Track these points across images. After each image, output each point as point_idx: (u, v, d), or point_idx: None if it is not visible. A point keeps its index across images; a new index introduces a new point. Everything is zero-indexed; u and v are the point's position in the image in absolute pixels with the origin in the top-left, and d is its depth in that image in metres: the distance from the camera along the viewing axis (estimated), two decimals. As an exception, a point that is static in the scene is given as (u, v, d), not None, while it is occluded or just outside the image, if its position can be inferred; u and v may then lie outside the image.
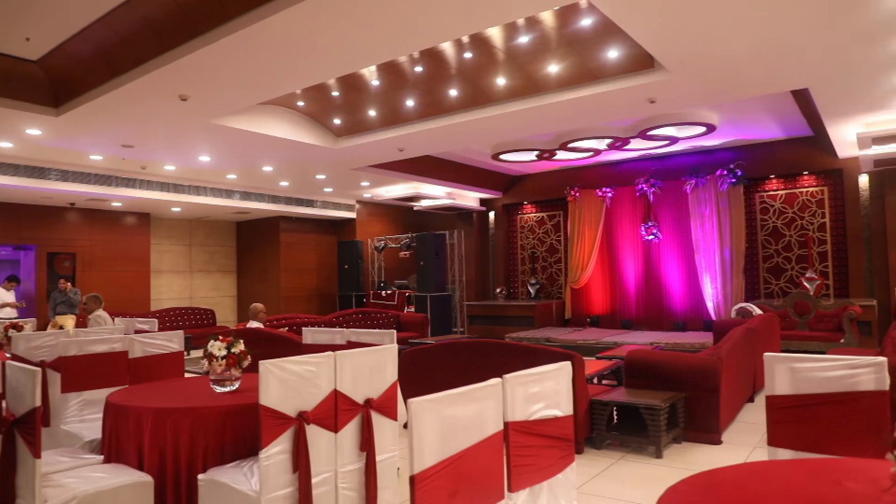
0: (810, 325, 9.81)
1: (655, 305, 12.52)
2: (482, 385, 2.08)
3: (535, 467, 2.31)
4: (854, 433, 2.45)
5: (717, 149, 11.66)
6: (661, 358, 5.47)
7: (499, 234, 15.04)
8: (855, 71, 6.47)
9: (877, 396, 2.44)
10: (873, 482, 1.74)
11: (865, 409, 2.45)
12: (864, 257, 10.73)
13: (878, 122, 8.50)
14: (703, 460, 4.74)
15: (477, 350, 5.42)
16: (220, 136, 8.47)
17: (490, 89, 7.82)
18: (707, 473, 1.99)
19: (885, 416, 2.39)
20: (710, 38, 5.53)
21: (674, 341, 9.61)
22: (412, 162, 11.22)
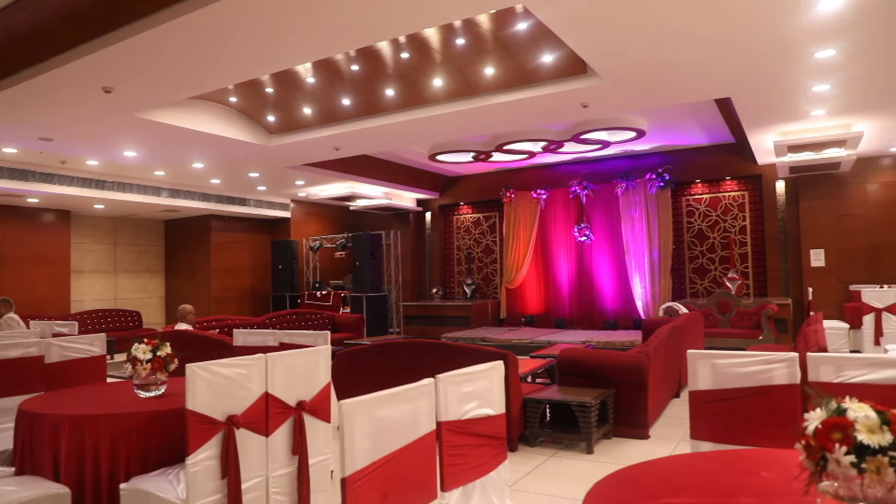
0: (732, 322, 10.28)
1: (588, 305, 12.84)
2: (415, 385, 2.08)
3: (467, 466, 2.33)
4: (769, 425, 2.58)
5: (647, 153, 12.07)
6: (591, 356, 5.61)
7: (435, 234, 15.09)
8: (773, 82, 6.81)
9: (789, 389, 2.58)
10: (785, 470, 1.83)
11: (779, 401, 2.59)
12: (781, 258, 11.34)
13: (793, 131, 8.98)
14: (632, 454, 4.89)
15: (412, 350, 5.42)
16: (146, 130, 8.14)
17: (427, 90, 7.84)
18: (632, 467, 2.06)
19: (796, 407, 2.53)
20: (639, 46, 5.71)
21: (605, 340, 9.87)
22: (348, 161, 11.11)
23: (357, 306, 13.34)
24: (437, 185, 14.39)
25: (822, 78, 6.68)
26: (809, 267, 10.99)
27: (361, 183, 12.78)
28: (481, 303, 13.43)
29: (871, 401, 1.56)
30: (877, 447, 1.41)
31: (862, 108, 7.93)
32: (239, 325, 9.24)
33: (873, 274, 10.99)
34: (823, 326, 5.74)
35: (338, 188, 13.58)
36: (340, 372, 5.67)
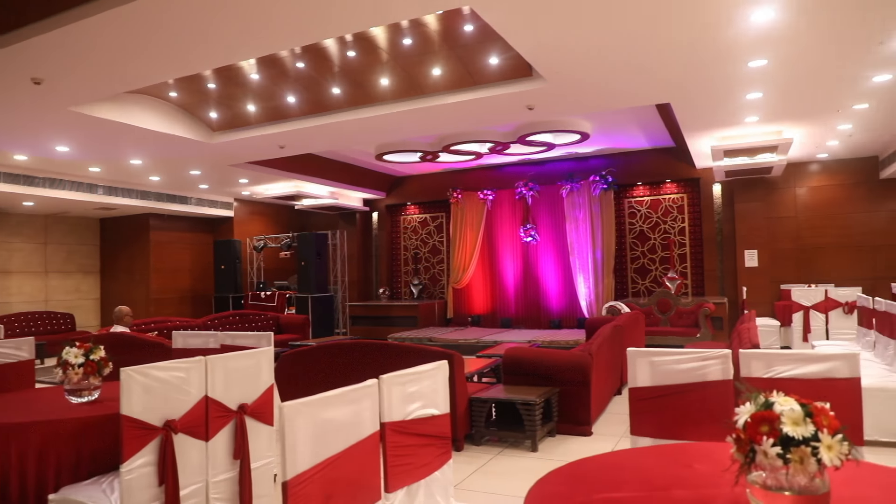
0: (671, 321, 10.60)
1: (533, 304, 13.02)
2: (358, 386, 2.06)
3: (412, 466, 2.32)
4: (704, 419, 2.67)
5: (591, 156, 12.33)
6: (536, 355, 5.69)
7: (382, 234, 15.02)
8: (710, 89, 7.05)
9: (723, 385, 2.68)
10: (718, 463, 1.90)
11: (713, 396, 2.69)
12: (717, 259, 11.77)
13: (729, 136, 9.33)
14: (575, 451, 4.98)
15: (359, 351, 5.38)
16: (80, 125, 7.81)
17: (374, 89, 7.79)
18: (573, 464, 2.09)
19: (729, 402, 2.63)
20: (583, 51, 5.83)
21: (550, 339, 10.02)
22: (294, 160, 10.94)
23: (302, 307, 13.15)
24: (383, 185, 14.33)
25: (756, 86, 6.97)
26: (744, 267, 11.45)
27: (307, 182, 12.61)
28: (428, 303, 13.45)
29: (797, 394, 1.64)
30: (800, 438, 1.48)
31: (791, 115, 8.30)
32: (179, 327, 8.98)
33: (802, 274, 11.53)
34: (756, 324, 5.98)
35: (283, 187, 13.35)
36: (285, 374, 5.58)
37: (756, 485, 1.56)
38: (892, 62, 6.29)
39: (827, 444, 1.48)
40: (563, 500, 1.80)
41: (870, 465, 2.00)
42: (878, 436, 4.88)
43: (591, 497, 1.80)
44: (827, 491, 1.52)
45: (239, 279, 14.42)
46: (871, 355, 6.53)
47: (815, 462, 1.47)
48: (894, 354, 5.82)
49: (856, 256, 11.29)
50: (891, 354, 5.95)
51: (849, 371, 2.56)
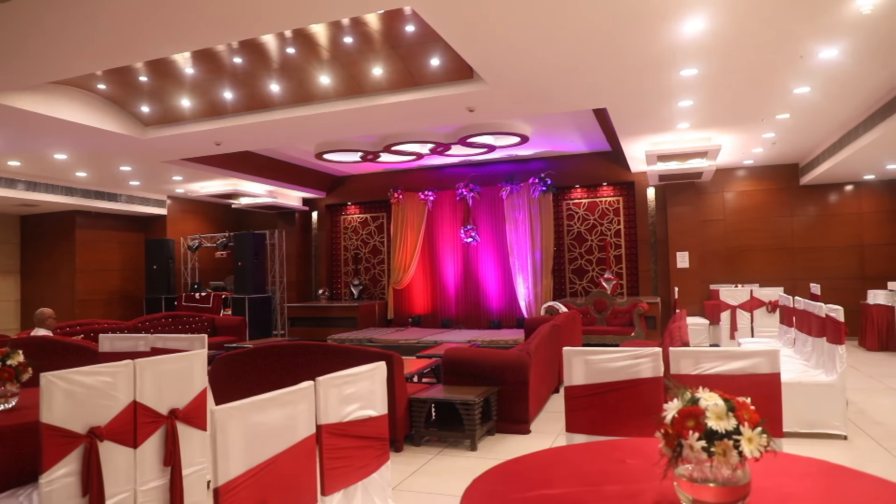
0: (608, 320, 10.88)
1: (474, 305, 13.12)
2: (293, 388, 2.03)
3: (349, 468, 2.30)
4: (636, 415, 2.75)
5: (531, 158, 12.53)
6: (475, 355, 5.73)
7: (322, 234, 14.83)
8: (644, 96, 7.28)
9: (654, 382, 2.76)
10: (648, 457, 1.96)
11: (645, 393, 2.77)
12: (651, 260, 12.15)
13: (662, 141, 9.66)
14: (514, 449, 5.04)
15: (297, 353, 5.29)
16: (-2, 117, 7.40)
17: (314, 87, 7.68)
18: (510, 462, 2.12)
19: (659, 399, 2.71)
20: (523, 55, 5.91)
21: (490, 338, 10.12)
22: (230, 157, 10.67)
23: (239, 308, 12.84)
24: (323, 185, 14.15)
25: (687, 94, 7.23)
26: (676, 268, 11.86)
27: (245, 180, 12.33)
28: (368, 303, 13.36)
29: (722, 390, 1.71)
30: (723, 432, 1.54)
31: (720, 123, 8.66)
32: (106, 330, 8.62)
33: (730, 274, 12.05)
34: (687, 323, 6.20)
35: (219, 185, 13.00)
36: (220, 377, 5.43)
37: (683, 478, 1.61)
38: (811, 76, 6.65)
39: (748, 437, 1.54)
40: (498, 498, 1.82)
41: (787, 456, 2.11)
42: (797, 427, 5.14)
43: (526, 494, 1.82)
44: (748, 481, 1.59)
45: (172, 280, 13.96)
46: (791, 352, 6.88)
47: (737, 454, 1.53)
48: (812, 350, 6.14)
49: (778, 258, 11.88)
50: (809, 350, 6.27)
51: (769, 367, 2.69)
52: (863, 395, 6.60)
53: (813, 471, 2.00)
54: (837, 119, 8.56)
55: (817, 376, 5.36)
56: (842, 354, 5.19)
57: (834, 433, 5.10)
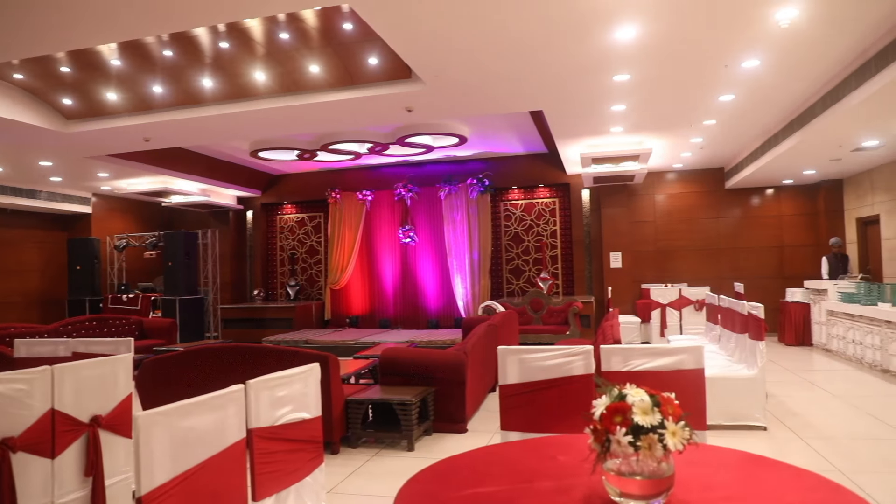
0: (544, 319, 11.07)
1: (412, 305, 13.11)
2: (223, 392, 1.97)
3: (281, 472, 2.26)
4: (568, 413, 2.81)
5: (469, 159, 12.62)
6: (412, 355, 5.73)
7: (257, 234, 14.50)
8: (579, 100, 7.45)
9: (585, 379, 2.83)
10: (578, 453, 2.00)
11: (577, 391, 2.83)
12: (586, 260, 12.45)
13: (596, 144, 9.91)
14: (451, 449, 5.06)
15: (230, 355, 5.16)
16: None
17: (249, 83, 7.50)
18: (445, 461, 2.13)
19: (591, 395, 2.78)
20: (459, 56, 5.95)
21: (427, 339, 10.13)
22: (161, 154, 10.30)
23: (169, 310, 12.40)
24: (259, 183, 13.84)
25: (620, 99, 7.44)
26: (609, 268, 12.19)
27: (176, 178, 11.91)
28: (305, 304, 13.15)
29: (649, 386, 1.77)
30: (649, 426, 1.60)
31: (651, 127, 8.95)
32: (24, 335, 8.17)
33: (661, 274, 12.47)
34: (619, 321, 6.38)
35: (149, 182, 12.51)
36: (148, 382, 5.24)
37: (611, 472, 1.66)
38: (735, 84, 6.95)
39: (671, 431, 1.60)
40: (432, 498, 1.82)
41: (709, 447, 2.19)
42: (721, 420, 5.37)
43: (459, 493, 1.83)
44: (672, 473, 1.65)
45: (97, 281, 13.35)
46: (716, 348, 7.18)
47: (662, 447, 1.59)
48: (735, 346, 6.43)
49: (705, 258, 12.37)
50: (732, 346, 6.57)
51: (694, 363, 2.80)
52: (781, 388, 6.95)
53: (734, 461, 2.09)
54: (759, 126, 8.99)
55: (740, 371, 5.61)
56: (762, 350, 5.45)
57: (755, 424, 5.35)
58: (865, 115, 6.86)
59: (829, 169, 10.49)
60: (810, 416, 5.77)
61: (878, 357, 7.78)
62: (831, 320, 9.36)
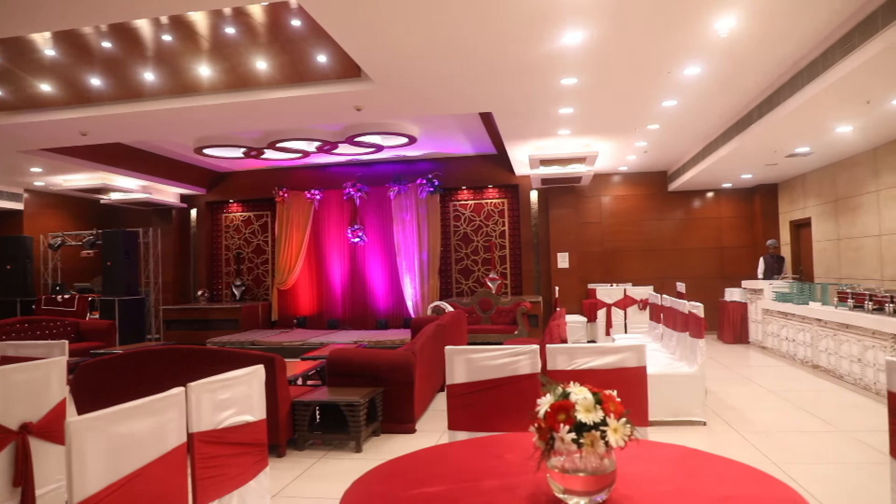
0: (492, 319, 11.16)
1: (361, 305, 13.02)
2: (162, 396, 1.91)
3: (224, 477, 2.21)
4: (515, 411, 2.84)
5: (419, 159, 12.61)
6: (360, 356, 5.69)
7: (201, 233, 14.13)
8: (528, 102, 7.54)
9: (531, 378, 2.86)
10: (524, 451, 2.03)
11: (523, 389, 2.86)
12: (534, 260, 12.61)
13: (544, 146, 10.05)
14: (399, 449, 5.04)
15: (172, 358, 5.01)
16: None
17: (193, 78, 7.31)
18: (390, 462, 2.12)
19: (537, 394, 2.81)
20: (409, 56, 5.94)
21: (376, 339, 10.08)
22: (99, 149, 9.94)
23: (108, 312, 11.96)
24: (204, 181, 13.50)
25: (567, 102, 7.57)
26: (557, 268, 12.39)
27: (115, 174, 11.49)
28: (251, 305, 12.90)
29: (593, 384, 1.80)
30: (591, 424, 1.63)
31: (598, 130, 9.14)
32: (-51, 337, 7.76)
33: (606, 274, 12.74)
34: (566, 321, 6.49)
35: (86, 178, 12.04)
36: (85, 387, 5.04)
37: (555, 469, 1.69)
38: (678, 90, 7.17)
39: (613, 428, 1.64)
40: (378, 498, 1.81)
41: (651, 443, 2.25)
42: (663, 416, 5.52)
43: (406, 493, 1.83)
44: (614, 469, 1.68)
45: (30, 281, 12.76)
46: (659, 346, 7.38)
47: (604, 444, 1.62)
48: (677, 344, 6.62)
49: (649, 258, 12.71)
50: (674, 344, 6.76)
51: (637, 361, 2.87)
52: (720, 384, 7.20)
53: (673, 455, 2.15)
54: (700, 131, 9.29)
55: (681, 368, 5.78)
56: (702, 347, 5.63)
57: (695, 420, 5.52)
58: (797, 123, 7.17)
59: (764, 174, 10.93)
60: (746, 410, 5.99)
61: (809, 353, 8.14)
62: (766, 319, 9.75)
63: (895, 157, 8.24)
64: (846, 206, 9.59)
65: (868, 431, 5.15)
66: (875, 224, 8.80)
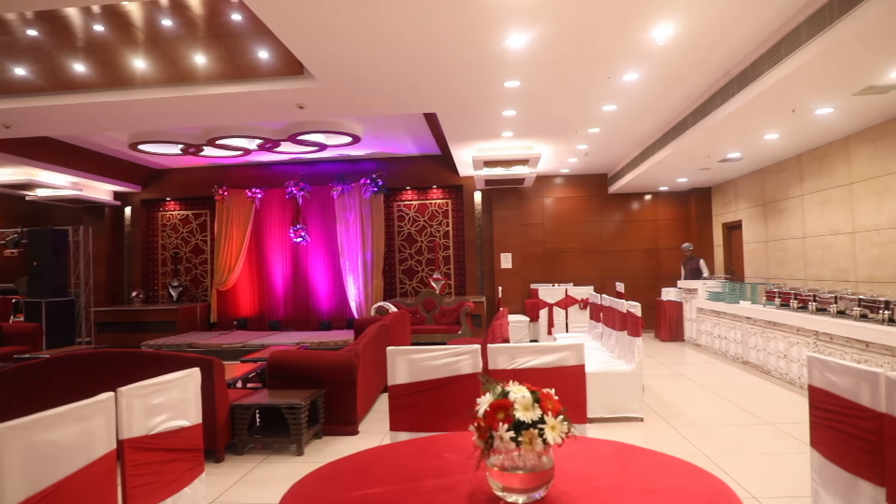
0: (436, 319, 11.18)
1: (303, 306, 12.82)
2: (89, 402, 1.84)
3: (157, 484, 2.14)
4: (456, 411, 2.85)
5: (363, 159, 12.52)
6: (302, 357, 5.60)
7: (136, 231, 13.63)
8: (472, 104, 7.58)
9: (473, 378, 2.88)
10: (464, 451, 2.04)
11: (465, 389, 2.88)
12: (477, 261, 12.71)
13: (488, 148, 10.14)
14: (341, 451, 4.99)
15: (103, 362, 4.81)
16: None
17: (127, 71, 7.04)
18: (331, 464, 2.10)
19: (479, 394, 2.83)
20: (352, 55, 5.89)
21: (319, 340, 9.96)
22: (24, 143, 9.46)
23: (34, 314, 11.39)
24: (139, 178, 13.03)
25: (511, 104, 7.65)
26: (500, 268, 12.52)
27: (42, 169, 10.95)
28: (189, 306, 12.53)
29: (533, 383, 1.83)
30: (530, 422, 1.65)
31: (540, 133, 9.28)
32: None
33: (548, 274, 12.95)
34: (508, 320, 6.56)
35: (10, 173, 11.43)
36: (7, 393, 4.80)
37: (494, 467, 1.70)
38: (617, 95, 7.35)
39: (551, 425, 1.67)
40: (317, 502, 1.79)
41: (589, 440, 2.30)
42: (602, 413, 5.65)
43: (345, 495, 1.81)
44: (552, 466, 1.71)
45: (-53, 282, 12.04)
46: (599, 344, 7.55)
47: (542, 442, 1.65)
48: (615, 343, 6.79)
49: (590, 259, 12.99)
50: (613, 343, 6.93)
51: (576, 359, 2.92)
52: (657, 381, 7.42)
53: (610, 451, 2.20)
54: (639, 136, 9.56)
55: (619, 366, 5.93)
56: (639, 346, 5.79)
57: (633, 416, 5.68)
58: (728, 129, 7.47)
59: (699, 178, 11.33)
60: (681, 406, 6.20)
61: (740, 350, 8.49)
62: (700, 317, 10.11)
63: (819, 164, 8.68)
64: (774, 209, 10.04)
65: (792, 423, 5.41)
66: (800, 227, 9.25)
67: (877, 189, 7.47)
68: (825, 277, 8.58)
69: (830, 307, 6.42)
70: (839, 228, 8.23)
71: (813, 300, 6.77)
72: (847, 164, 8.02)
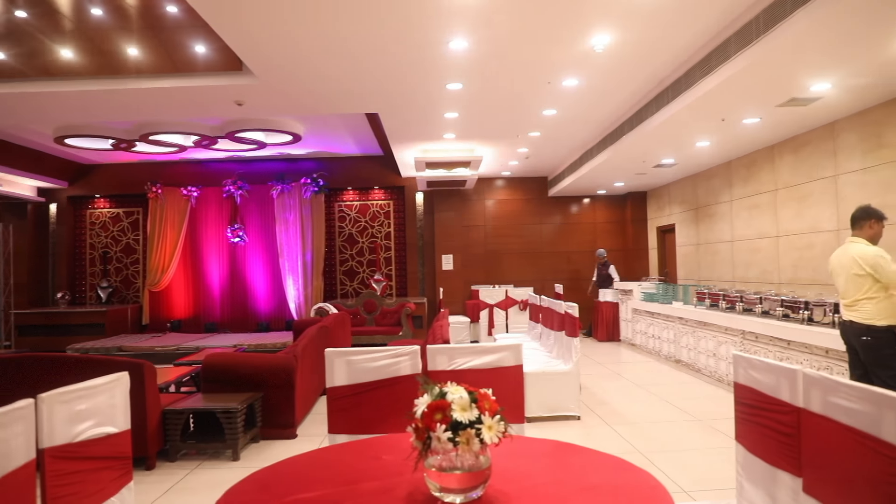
0: (377, 320, 11.13)
1: (241, 307, 12.53)
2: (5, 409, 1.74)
3: (80, 495, 2.04)
4: (395, 413, 2.84)
5: (303, 158, 12.33)
6: (238, 360, 5.47)
7: (62, 229, 13.00)
8: (414, 105, 7.58)
9: (412, 379, 2.88)
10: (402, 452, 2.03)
11: (404, 391, 2.87)
12: (419, 262, 12.71)
13: (430, 150, 10.16)
14: (279, 455, 4.90)
15: (24, 367, 4.57)
16: None
17: (53, 61, 6.72)
18: (266, 469, 2.05)
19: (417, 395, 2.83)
20: (292, 51, 5.79)
21: (257, 342, 9.75)
22: (-62, 135, 8.90)
23: (-52, 316, 10.73)
24: (65, 173, 12.44)
25: (453, 107, 7.69)
26: (441, 270, 12.56)
27: (-42, 163, 10.34)
28: (120, 308, 12.04)
29: (471, 383, 1.84)
30: (467, 422, 1.66)
31: (482, 136, 9.36)
32: None
33: (489, 275, 13.08)
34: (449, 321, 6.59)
35: (-79, 168, 10.73)
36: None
37: (432, 468, 1.71)
38: (557, 100, 7.49)
39: (488, 425, 1.68)
40: (251, 508, 1.75)
41: (526, 439, 2.34)
42: (540, 412, 5.75)
43: (281, 501, 1.78)
44: (489, 465, 1.73)
45: None
46: (538, 345, 7.67)
47: (479, 441, 1.66)
48: (554, 343, 6.92)
49: (530, 261, 13.19)
50: (551, 343, 7.05)
51: (514, 360, 2.96)
52: (593, 380, 7.59)
53: (547, 450, 2.24)
54: (578, 140, 9.77)
55: (557, 366, 6.04)
56: (577, 346, 5.92)
57: (570, 414, 5.79)
58: (663, 136, 7.72)
59: (635, 182, 11.67)
60: (616, 404, 6.37)
61: (673, 349, 8.79)
62: (636, 317, 10.41)
63: (746, 171, 9.08)
64: (705, 213, 10.44)
65: (720, 419, 5.64)
66: (728, 231, 9.65)
67: (798, 196, 7.87)
68: (751, 279, 8.98)
69: (756, 307, 6.72)
70: (765, 233, 8.63)
71: (740, 301, 7.07)
72: (772, 172, 8.42)
